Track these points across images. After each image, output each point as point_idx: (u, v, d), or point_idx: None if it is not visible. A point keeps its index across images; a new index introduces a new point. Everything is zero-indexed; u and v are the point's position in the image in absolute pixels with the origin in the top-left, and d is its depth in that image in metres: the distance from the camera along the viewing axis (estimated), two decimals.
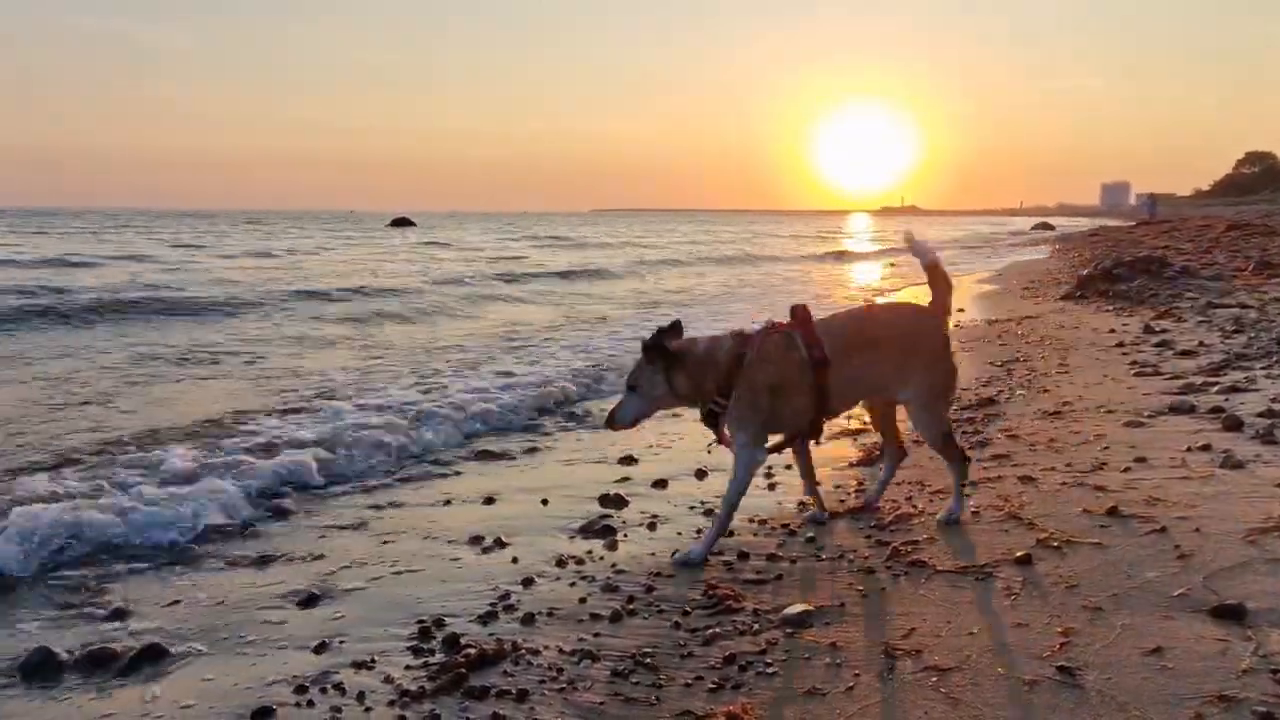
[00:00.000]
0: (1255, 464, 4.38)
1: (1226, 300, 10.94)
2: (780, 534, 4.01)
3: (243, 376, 8.74)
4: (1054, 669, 2.62)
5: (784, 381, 3.62)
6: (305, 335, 11.86)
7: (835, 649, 2.87)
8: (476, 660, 2.89)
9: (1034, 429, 5.50)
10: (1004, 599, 3.15)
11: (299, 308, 14.71)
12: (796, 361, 3.63)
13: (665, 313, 13.45)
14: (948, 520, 3.92)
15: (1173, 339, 8.44)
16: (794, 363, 3.63)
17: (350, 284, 18.17)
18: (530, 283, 20.97)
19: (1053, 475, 4.49)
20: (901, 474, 4.78)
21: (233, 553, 4.14)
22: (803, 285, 20.93)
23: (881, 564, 3.56)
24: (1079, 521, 3.81)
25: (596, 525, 4.26)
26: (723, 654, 2.88)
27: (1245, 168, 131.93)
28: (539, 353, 10.03)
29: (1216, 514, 3.74)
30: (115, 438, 5.96)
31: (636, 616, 3.25)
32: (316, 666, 2.98)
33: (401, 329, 12.94)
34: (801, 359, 3.63)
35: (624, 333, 11.57)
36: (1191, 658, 2.64)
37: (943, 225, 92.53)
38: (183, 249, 31.51)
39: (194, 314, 13.64)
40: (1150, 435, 5.11)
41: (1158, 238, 26.40)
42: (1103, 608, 3.00)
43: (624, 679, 2.78)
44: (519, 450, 5.99)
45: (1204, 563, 3.28)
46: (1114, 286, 13.04)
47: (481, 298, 17.40)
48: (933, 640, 2.88)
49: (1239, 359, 7.08)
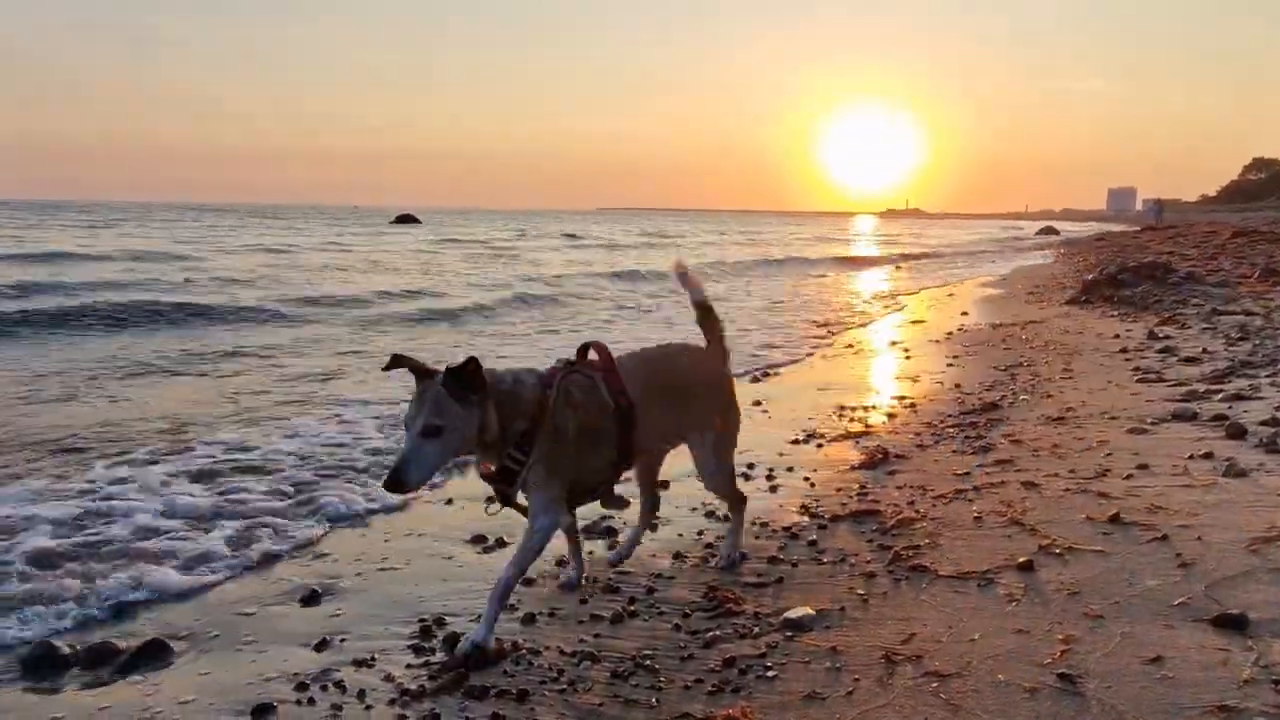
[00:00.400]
0: (1258, 472, 4.37)
1: (1231, 307, 10.92)
2: (781, 537, 4.01)
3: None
4: (1054, 676, 2.62)
5: (594, 429, 3.11)
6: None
7: (835, 653, 2.87)
8: (476, 659, 2.90)
9: (1037, 434, 5.49)
10: (1005, 605, 3.15)
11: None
12: (603, 407, 3.14)
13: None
14: (728, 565, 3.64)
15: (1177, 345, 8.43)
16: (601, 408, 3.13)
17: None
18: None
19: (1056, 481, 4.48)
20: (904, 478, 4.79)
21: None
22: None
23: (883, 568, 3.55)
24: (1081, 528, 3.81)
25: (598, 526, 4.26)
26: (722, 657, 2.88)
27: (1252, 174, 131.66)
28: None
29: (1219, 522, 3.74)
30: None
31: (637, 618, 3.26)
32: (317, 664, 2.98)
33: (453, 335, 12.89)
34: (606, 404, 3.14)
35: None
36: (1192, 667, 2.63)
37: (945, 228, 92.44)
38: (180, 244, 30.97)
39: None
40: (1153, 442, 5.10)
41: (1163, 243, 26.37)
42: (1104, 615, 3.00)
43: (624, 680, 2.78)
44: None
45: (1206, 571, 3.27)
46: (1119, 292, 13.03)
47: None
48: (933, 646, 2.88)
49: (1243, 366, 7.07)
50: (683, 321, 11.93)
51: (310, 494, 4.80)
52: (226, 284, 17.01)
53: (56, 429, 6.11)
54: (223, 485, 4.94)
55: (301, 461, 5.38)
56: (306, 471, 5.19)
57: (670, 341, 3.85)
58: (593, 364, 3.22)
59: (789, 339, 11.35)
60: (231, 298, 14.86)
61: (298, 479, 5.05)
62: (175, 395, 7.52)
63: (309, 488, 4.91)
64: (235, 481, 5.00)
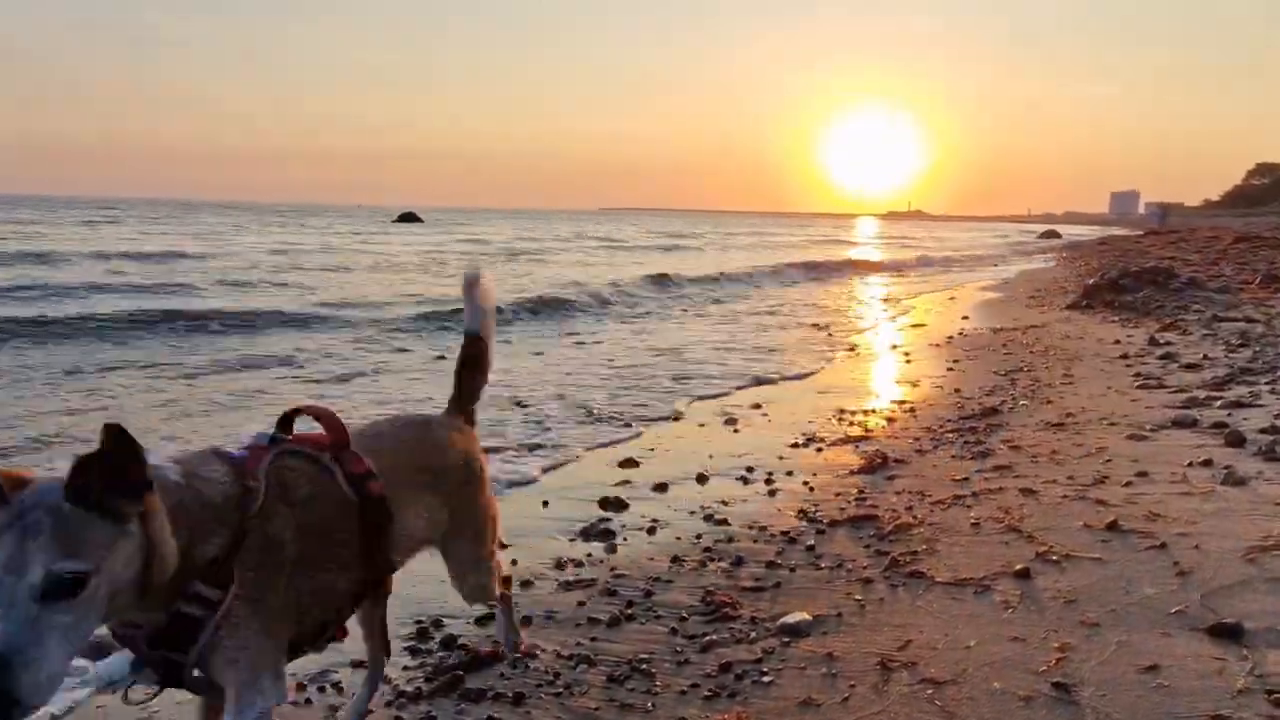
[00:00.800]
0: (1257, 481, 4.38)
1: (1232, 314, 10.93)
2: (779, 541, 4.01)
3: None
4: (1050, 685, 2.63)
5: (327, 537, 1.98)
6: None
7: (832, 659, 2.88)
8: (473, 662, 2.91)
9: (1036, 440, 5.50)
10: (1001, 612, 3.16)
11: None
12: (341, 503, 2.02)
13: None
14: (510, 651, 2.90)
15: (1177, 352, 8.44)
16: (339, 505, 2.01)
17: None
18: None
19: (1054, 488, 4.49)
20: (902, 483, 4.80)
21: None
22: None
23: (880, 574, 3.56)
24: (1079, 536, 3.81)
25: (596, 528, 4.27)
26: (719, 662, 2.89)
27: (1256, 179, 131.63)
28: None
29: (1216, 531, 3.74)
30: None
31: (634, 622, 3.26)
32: (316, 664, 2.99)
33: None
34: (346, 497, 2.02)
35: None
36: (1188, 676, 2.64)
37: (951, 230, 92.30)
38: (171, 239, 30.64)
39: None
40: (1152, 449, 5.11)
41: (1165, 248, 26.40)
42: (1100, 623, 3.00)
43: (620, 685, 2.79)
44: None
45: (1203, 580, 3.28)
46: (1120, 297, 13.04)
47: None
48: (929, 653, 2.88)
49: (1243, 373, 7.08)
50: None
51: None
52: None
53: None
54: None
55: None
56: None
57: (410, 412, 3.06)
58: (314, 439, 2.07)
59: (789, 340, 11.36)
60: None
61: None
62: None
63: None
64: None
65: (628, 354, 10.05)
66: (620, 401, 7.26)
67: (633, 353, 10.16)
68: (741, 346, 10.69)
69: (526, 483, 5.11)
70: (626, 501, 4.69)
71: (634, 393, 7.64)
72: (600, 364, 9.28)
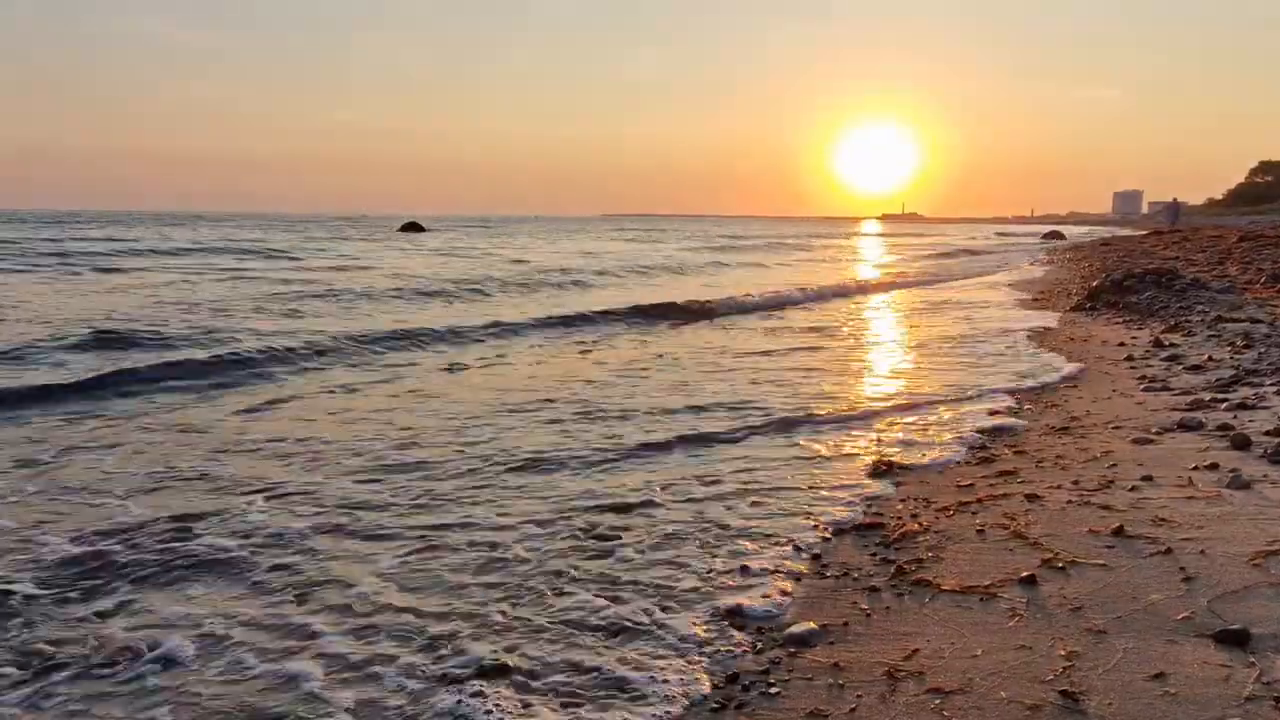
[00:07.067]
0: (1263, 484, 4.37)
1: (1237, 314, 10.89)
2: (785, 549, 4.01)
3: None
4: (1057, 693, 2.63)
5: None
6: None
7: (838, 669, 2.88)
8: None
9: (1041, 445, 5.49)
10: (1008, 620, 3.16)
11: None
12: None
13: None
14: None
15: (1182, 353, 8.42)
16: None
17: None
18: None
19: (1059, 494, 4.49)
20: (907, 489, 4.80)
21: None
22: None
23: (885, 582, 3.56)
24: (1084, 542, 3.81)
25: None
26: (725, 673, 2.90)
27: (1259, 177, 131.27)
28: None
29: (1222, 536, 3.74)
30: None
31: None
32: None
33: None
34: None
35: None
36: (1195, 683, 2.64)
37: (951, 233, 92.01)
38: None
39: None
40: (1158, 453, 5.10)
41: (1169, 248, 26.32)
42: (1106, 631, 3.01)
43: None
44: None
45: (1209, 586, 3.28)
46: (1124, 298, 13.02)
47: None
48: (936, 662, 2.89)
49: (1248, 375, 7.06)
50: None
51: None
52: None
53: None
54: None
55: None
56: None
57: None
58: None
59: (789, 341, 11.33)
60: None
61: None
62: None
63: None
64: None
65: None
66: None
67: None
68: (738, 346, 10.67)
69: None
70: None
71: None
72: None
